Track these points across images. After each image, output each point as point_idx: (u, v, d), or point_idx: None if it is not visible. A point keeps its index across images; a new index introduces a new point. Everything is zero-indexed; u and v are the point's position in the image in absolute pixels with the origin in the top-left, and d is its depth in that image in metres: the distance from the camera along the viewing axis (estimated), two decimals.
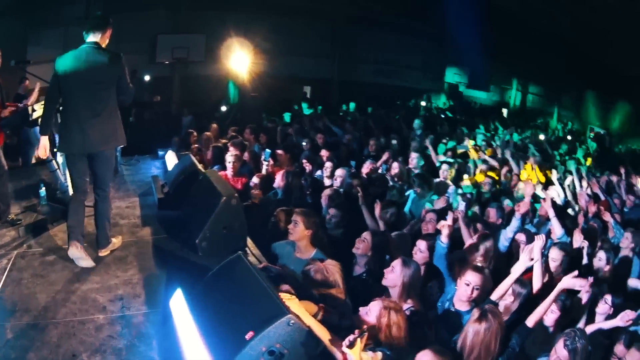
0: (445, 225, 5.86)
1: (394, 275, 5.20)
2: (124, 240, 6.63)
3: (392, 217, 7.47)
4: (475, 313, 4.50)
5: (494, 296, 5.15)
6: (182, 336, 4.27)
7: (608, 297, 5.69)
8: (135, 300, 5.32)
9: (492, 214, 8.18)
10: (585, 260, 6.78)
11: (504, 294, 5.24)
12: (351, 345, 3.69)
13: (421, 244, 6.16)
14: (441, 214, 7.26)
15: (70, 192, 7.32)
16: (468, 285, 5.16)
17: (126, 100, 5.97)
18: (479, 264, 5.88)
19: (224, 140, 10.95)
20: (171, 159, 9.94)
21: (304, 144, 11.67)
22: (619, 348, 5.20)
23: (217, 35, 18.26)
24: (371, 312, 4.42)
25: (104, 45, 5.73)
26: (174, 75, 19.37)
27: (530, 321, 4.85)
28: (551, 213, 7.47)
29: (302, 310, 4.06)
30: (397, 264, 5.26)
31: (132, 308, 5.18)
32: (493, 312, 4.51)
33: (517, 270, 5.24)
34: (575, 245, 7.21)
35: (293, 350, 3.66)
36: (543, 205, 7.93)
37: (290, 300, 4.15)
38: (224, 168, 8.85)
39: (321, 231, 6.38)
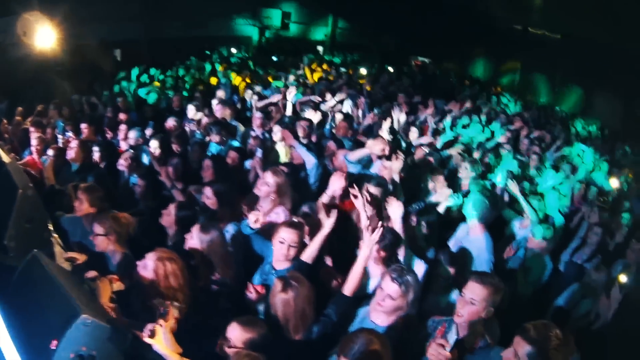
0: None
1: (194, 242, 4.84)
2: None
3: (177, 166, 7.10)
4: (278, 284, 4.11)
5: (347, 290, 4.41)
6: (5, 353, 3.81)
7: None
8: None
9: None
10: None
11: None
12: (152, 334, 3.48)
13: (207, 191, 5.84)
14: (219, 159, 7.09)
15: None
16: (282, 242, 4.75)
17: None
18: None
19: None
20: None
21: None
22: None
23: (29, 12, 16.79)
24: (147, 265, 4.18)
25: None
26: None
27: (348, 290, 4.34)
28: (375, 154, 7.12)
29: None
30: (195, 229, 4.87)
31: None
32: (296, 278, 4.15)
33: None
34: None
35: (101, 350, 3.27)
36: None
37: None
38: None
39: (109, 205, 5.85)
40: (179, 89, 13.57)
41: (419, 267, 5.25)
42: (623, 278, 6.08)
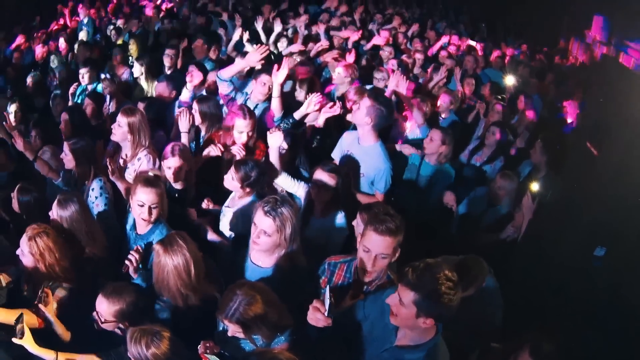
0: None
1: (55, 217, 3.96)
2: None
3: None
4: (159, 249, 3.39)
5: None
6: None
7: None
8: None
9: None
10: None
11: None
12: (19, 335, 3.03)
13: (65, 147, 4.74)
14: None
15: None
16: (142, 205, 3.89)
17: None
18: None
19: None
20: None
21: None
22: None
23: None
24: (23, 251, 3.59)
25: None
26: None
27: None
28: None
29: None
30: (54, 205, 3.94)
31: None
32: (181, 237, 3.43)
33: None
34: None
35: None
36: None
37: None
38: None
39: None
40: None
41: (301, 191, 4.57)
42: (535, 185, 5.16)
